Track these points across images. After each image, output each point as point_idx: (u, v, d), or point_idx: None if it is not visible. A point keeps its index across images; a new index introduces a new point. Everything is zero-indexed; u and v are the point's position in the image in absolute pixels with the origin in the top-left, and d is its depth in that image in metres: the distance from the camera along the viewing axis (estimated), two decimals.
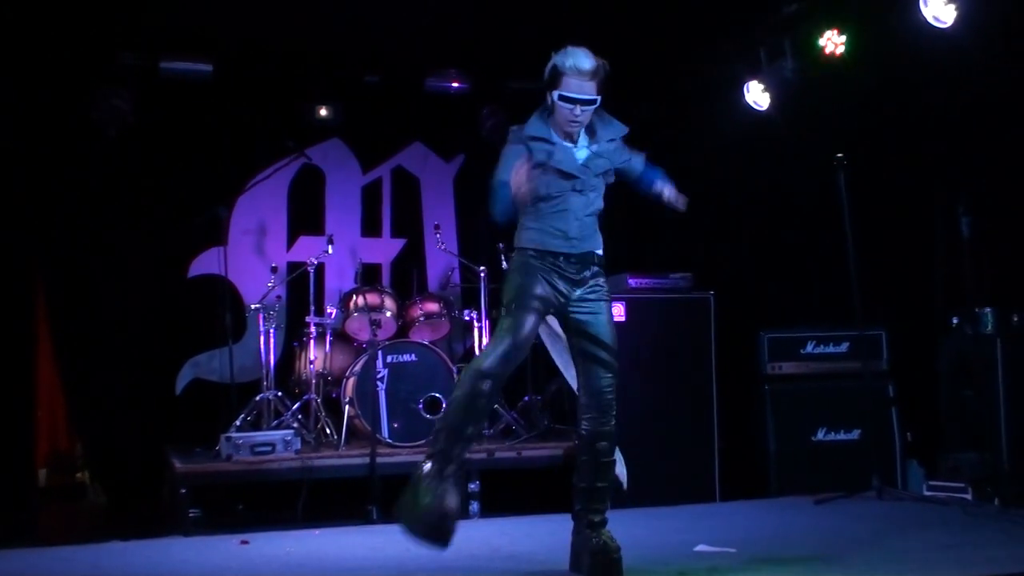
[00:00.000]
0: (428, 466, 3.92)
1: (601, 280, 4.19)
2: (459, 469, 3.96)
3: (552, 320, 4.36)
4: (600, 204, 4.21)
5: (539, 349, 7.81)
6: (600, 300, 4.15)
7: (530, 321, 4.02)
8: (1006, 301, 5.77)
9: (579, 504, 4.17)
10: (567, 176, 4.09)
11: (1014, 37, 5.68)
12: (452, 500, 3.88)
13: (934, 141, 6.34)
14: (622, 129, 4.26)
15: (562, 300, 4.11)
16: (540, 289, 4.06)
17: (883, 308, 6.41)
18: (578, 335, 4.13)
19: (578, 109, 3.99)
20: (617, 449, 4.31)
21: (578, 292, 4.12)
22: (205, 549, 5.04)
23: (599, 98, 4.03)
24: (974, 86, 6.01)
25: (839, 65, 6.61)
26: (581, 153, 4.13)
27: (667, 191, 4.21)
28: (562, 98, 3.98)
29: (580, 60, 3.96)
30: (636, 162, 4.31)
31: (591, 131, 4.16)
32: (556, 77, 4.00)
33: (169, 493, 6.54)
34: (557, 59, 4.01)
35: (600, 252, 4.22)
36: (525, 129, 4.13)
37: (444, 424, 4.00)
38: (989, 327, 5.77)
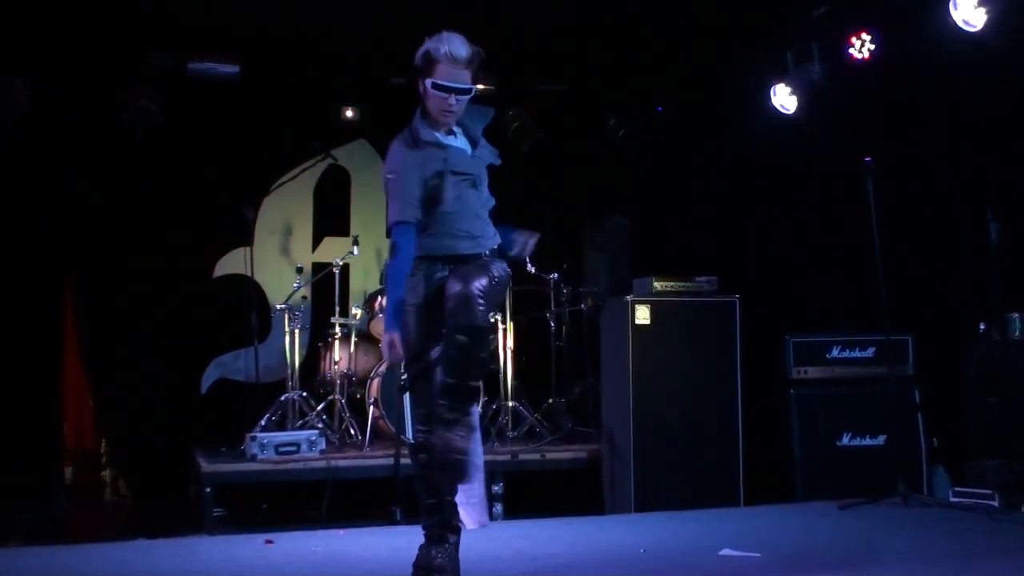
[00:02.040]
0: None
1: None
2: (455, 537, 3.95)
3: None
4: (493, 200, 4.04)
5: (562, 352, 7.86)
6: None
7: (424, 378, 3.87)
8: None
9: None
10: (464, 175, 3.90)
11: None
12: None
13: (963, 145, 6.30)
14: (490, 112, 4.07)
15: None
16: (422, 329, 3.83)
17: (910, 313, 6.36)
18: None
19: (452, 98, 3.78)
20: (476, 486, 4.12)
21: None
22: (230, 548, 5.05)
23: (474, 88, 3.84)
24: (1004, 90, 5.96)
25: (867, 68, 6.58)
26: (465, 144, 3.95)
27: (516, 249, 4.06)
28: (436, 86, 3.75)
29: (456, 47, 3.76)
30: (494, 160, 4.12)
31: (461, 123, 3.96)
32: (430, 64, 3.76)
33: (194, 492, 6.58)
34: (430, 44, 3.79)
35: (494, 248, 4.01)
36: (421, 134, 3.85)
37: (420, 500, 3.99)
38: (1017, 333, 5.72)
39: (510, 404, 7.40)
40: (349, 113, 8.31)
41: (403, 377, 4.04)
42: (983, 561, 4.38)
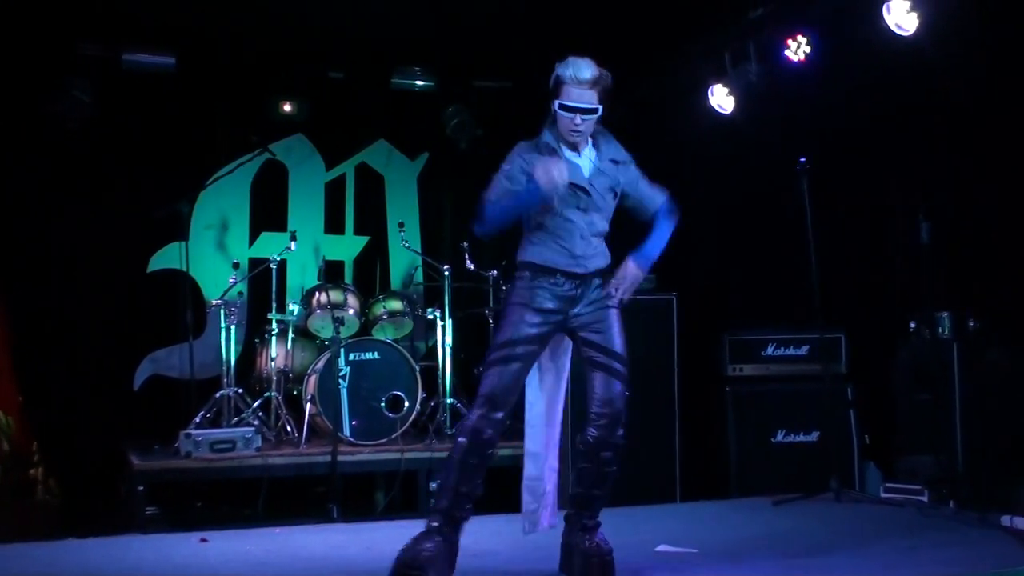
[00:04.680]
0: (433, 524, 3.98)
1: (602, 290, 4.08)
2: (455, 530, 4.01)
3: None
4: (604, 227, 4.12)
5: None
6: (603, 309, 4.07)
7: (512, 372, 3.98)
8: (963, 306, 5.85)
9: (572, 508, 4.16)
10: (573, 189, 4.00)
11: (973, 46, 5.76)
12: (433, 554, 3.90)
13: (895, 147, 6.42)
14: (624, 154, 4.18)
15: (560, 319, 4.04)
16: (532, 328, 3.98)
17: (843, 311, 6.48)
18: (586, 346, 4.06)
19: (578, 118, 3.95)
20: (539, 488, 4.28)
21: (577, 308, 4.04)
22: (164, 547, 4.98)
23: (600, 107, 3.98)
24: (935, 93, 6.09)
25: (803, 70, 6.67)
26: (586, 166, 4.07)
27: (623, 284, 4.06)
28: (562, 107, 3.95)
29: (580, 69, 3.94)
30: (648, 194, 4.22)
31: (597, 147, 4.11)
32: (557, 87, 3.98)
33: (126, 490, 6.48)
34: (559, 69, 3.99)
35: (604, 267, 4.13)
36: (543, 137, 4.07)
37: (442, 484, 4.04)
38: (946, 331, 5.84)
39: (448, 401, 7.39)
40: (287, 107, 8.23)
41: None
42: (912, 554, 4.48)
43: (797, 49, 6.62)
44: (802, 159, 5.99)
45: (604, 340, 4.05)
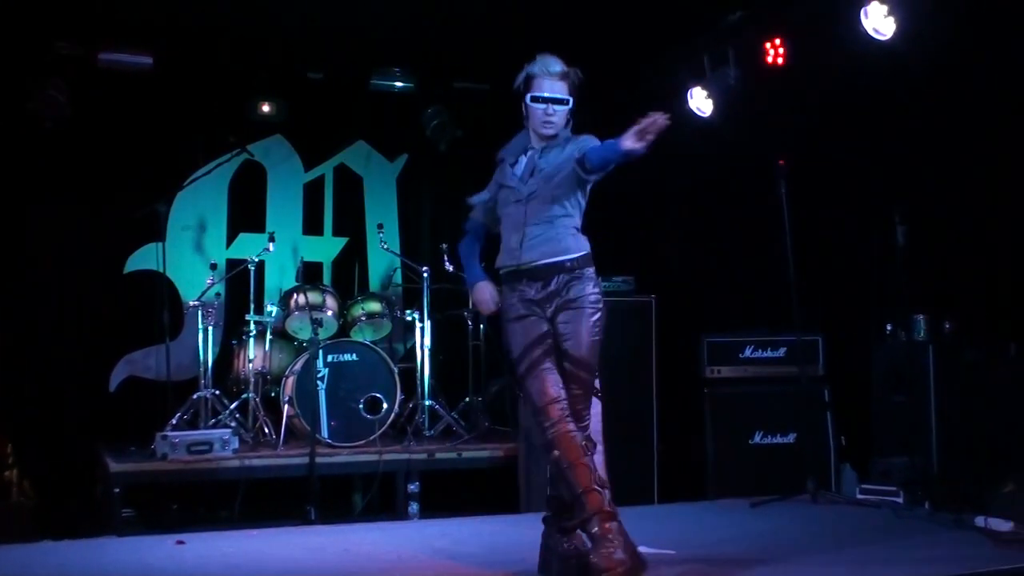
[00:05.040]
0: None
1: (577, 288, 4.03)
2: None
3: None
4: (556, 211, 4.04)
5: (479, 350, 7.86)
6: (575, 311, 4.03)
7: (545, 372, 3.98)
8: (938, 308, 5.89)
9: (550, 510, 4.16)
10: (508, 189, 4.13)
11: (950, 50, 5.81)
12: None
13: (872, 150, 6.45)
14: (591, 140, 4.12)
15: (541, 313, 4.04)
16: (532, 330, 4.01)
17: (820, 314, 6.51)
18: (556, 349, 4.06)
19: (551, 108, 4.05)
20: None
21: (551, 308, 4.03)
22: (140, 549, 4.96)
23: (571, 99, 4.08)
24: (912, 97, 6.13)
25: (781, 73, 6.70)
26: (520, 166, 4.15)
27: (628, 140, 3.95)
28: (534, 99, 4.06)
29: (550, 63, 4.07)
30: (588, 143, 4.10)
31: (562, 148, 4.11)
32: (528, 82, 4.10)
33: (102, 492, 6.44)
34: (528, 67, 4.12)
35: (567, 258, 4.04)
36: (507, 147, 4.24)
37: (571, 494, 3.93)
38: (921, 334, 5.89)
39: (427, 403, 7.38)
40: (266, 108, 8.19)
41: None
42: (887, 555, 4.51)
43: (776, 53, 6.66)
44: (780, 162, 6.02)
45: (573, 347, 4.03)
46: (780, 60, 6.66)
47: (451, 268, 7.56)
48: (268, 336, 7.37)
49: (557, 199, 4.04)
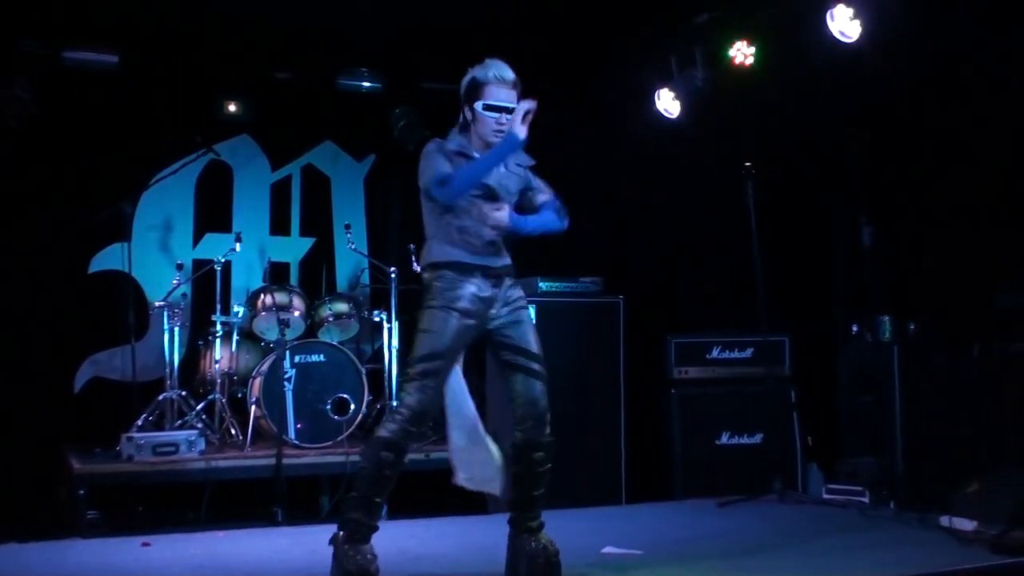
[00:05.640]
0: (342, 534, 3.98)
1: (518, 290, 4.18)
2: (371, 532, 4.00)
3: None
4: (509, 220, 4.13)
5: None
6: (520, 309, 4.14)
7: (433, 385, 3.98)
8: (904, 309, 5.95)
9: (514, 511, 4.16)
10: (489, 190, 4.07)
11: (915, 53, 5.87)
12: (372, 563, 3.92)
13: (838, 151, 6.51)
14: (528, 159, 4.24)
15: (480, 322, 4.06)
16: (455, 334, 3.98)
17: (787, 315, 6.55)
18: (503, 348, 4.10)
19: (504, 117, 4.01)
20: (496, 459, 4.23)
21: (494, 309, 4.08)
22: (105, 551, 4.92)
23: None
24: (877, 99, 6.19)
25: (748, 75, 6.74)
26: (498, 170, 4.11)
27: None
28: (487, 107, 4.01)
29: (503, 70, 4.03)
30: (540, 195, 4.27)
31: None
32: (477, 88, 4.04)
33: (67, 494, 6.37)
34: (477, 72, 4.06)
35: (511, 265, 4.20)
36: (447, 143, 4.11)
37: (356, 494, 4.00)
38: (887, 334, 5.94)
39: (394, 404, 7.35)
40: (232, 107, 8.12)
41: None
42: (852, 554, 4.55)
43: (743, 54, 6.70)
44: (747, 163, 6.05)
45: (521, 341, 4.08)
46: (747, 62, 6.70)
47: (418, 268, 7.52)
48: (235, 337, 7.33)
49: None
